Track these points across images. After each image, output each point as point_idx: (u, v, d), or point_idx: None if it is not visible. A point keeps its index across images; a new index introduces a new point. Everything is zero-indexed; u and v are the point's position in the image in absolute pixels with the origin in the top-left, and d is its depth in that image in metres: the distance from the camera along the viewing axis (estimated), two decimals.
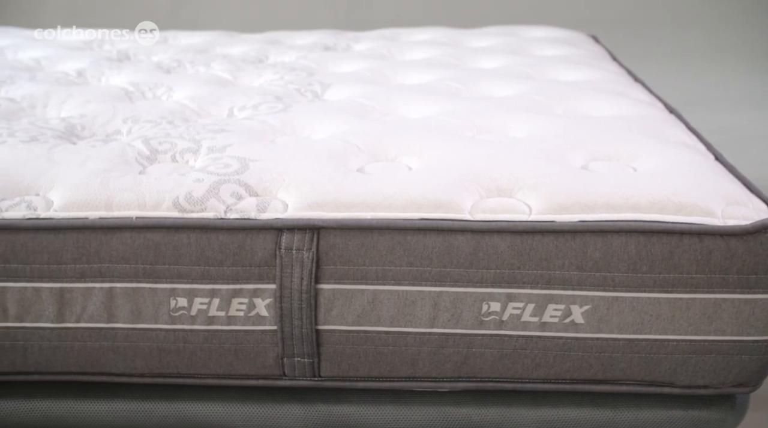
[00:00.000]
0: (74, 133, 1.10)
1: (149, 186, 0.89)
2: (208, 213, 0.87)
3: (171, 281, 0.87)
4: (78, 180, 0.91)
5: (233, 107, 1.20)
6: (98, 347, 0.91)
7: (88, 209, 0.88)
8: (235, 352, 0.90)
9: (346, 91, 1.28)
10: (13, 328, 0.90)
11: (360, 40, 1.76)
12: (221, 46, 1.72)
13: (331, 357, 0.90)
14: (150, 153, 1.00)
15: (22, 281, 0.88)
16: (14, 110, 1.19)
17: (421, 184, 0.88)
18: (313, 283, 0.86)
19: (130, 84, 1.34)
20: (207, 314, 0.88)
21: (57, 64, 1.53)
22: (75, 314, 0.89)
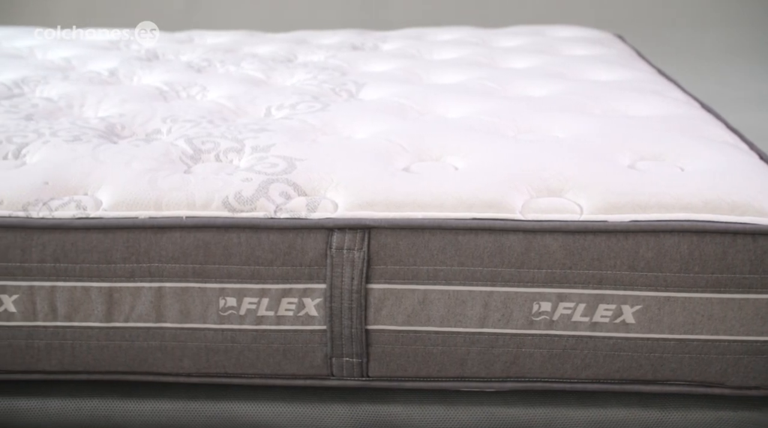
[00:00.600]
0: (114, 132, 1.10)
1: (198, 185, 0.89)
2: (258, 213, 0.87)
3: (220, 280, 0.87)
4: (126, 180, 0.91)
5: (270, 106, 1.20)
6: (146, 346, 0.90)
7: (137, 208, 0.88)
8: (284, 352, 0.90)
9: (381, 91, 1.28)
10: (62, 327, 0.90)
11: (387, 39, 1.76)
12: (248, 45, 1.72)
13: (379, 356, 0.90)
14: (194, 152, 1.00)
15: (71, 280, 0.88)
16: (52, 110, 1.19)
17: (470, 184, 0.88)
18: (364, 283, 0.86)
19: (164, 83, 1.34)
20: (256, 314, 0.88)
21: (87, 63, 1.53)
22: (124, 314, 0.89)
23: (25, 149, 1.01)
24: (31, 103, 1.21)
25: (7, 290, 0.89)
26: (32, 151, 1.01)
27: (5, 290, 0.89)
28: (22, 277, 0.88)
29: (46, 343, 0.91)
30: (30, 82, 1.34)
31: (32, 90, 1.31)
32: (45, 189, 0.90)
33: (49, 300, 0.89)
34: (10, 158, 1.01)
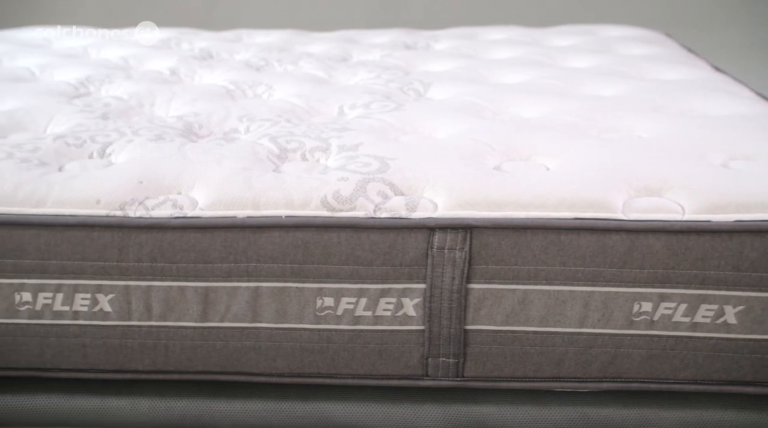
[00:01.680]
0: (193, 131, 1.09)
1: (294, 185, 0.88)
2: (358, 212, 0.86)
3: (318, 280, 0.87)
4: (220, 179, 0.90)
5: (342, 105, 1.20)
6: (240, 346, 0.90)
7: (234, 208, 0.87)
8: (379, 352, 0.90)
9: (449, 90, 1.28)
10: (156, 327, 0.90)
11: (438, 39, 1.75)
12: (299, 44, 1.71)
13: (476, 357, 0.89)
14: (280, 151, 0.99)
15: (167, 280, 0.88)
16: (124, 109, 1.19)
17: (569, 183, 0.88)
18: (465, 283, 0.86)
19: (229, 82, 1.33)
20: (353, 314, 0.88)
21: (144, 62, 1.53)
22: (219, 314, 0.89)
23: (110, 148, 1.01)
24: (102, 102, 1.20)
25: (102, 289, 0.88)
26: (117, 150, 1.00)
27: (101, 290, 0.88)
28: (118, 276, 0.88)
29: (139, 342, 0.90)
30: (94, 81, 1.34)
31: (98, 89, 1.31)
32: (140, 188, 0.89)
33: (144, 300, 0.88)
34: (95, 157, 1.00)
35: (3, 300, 0.89)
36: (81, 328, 0.90)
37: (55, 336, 0.91)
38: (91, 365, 0.92)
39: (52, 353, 0.91)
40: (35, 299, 0.89)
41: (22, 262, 0.88)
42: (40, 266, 0.88)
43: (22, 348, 0.91)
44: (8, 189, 0.89)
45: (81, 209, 0.88)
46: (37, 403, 0.94)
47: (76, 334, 0.90)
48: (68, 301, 0.89)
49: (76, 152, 1.00)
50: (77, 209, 0.88)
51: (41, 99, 1.21)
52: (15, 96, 1.23)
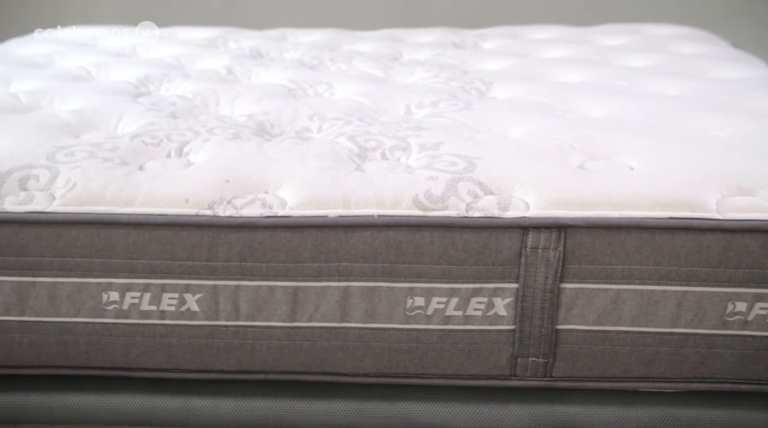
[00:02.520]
0: (265, 130, 1.09)
1: (384, 184, 0.88)
2: (451, 211, 0.86)
3: (409, 280, 0.86)
4: (307, 177, 0.90)
5: (409, 104, 1.19)
6: (328, 346, 0.90)
7: (325, 207, 0.87)
8: (468, 352, 0.89)
9: (512, 89, 1.27)
10: (243, 327, 0.89)
11: (485, 38, 1.75)
12: (346, 43, 1.71)
13: (566, 357, 0.89)
14: (359, 150, 0.99)
15: (256, 279, 0.87)
16: (190, 108, 1.19)
17: (660, 183, 0.87)
18: (558, 282, 0.85)
19: (289, 81, 1.33)
20: (444, 314, 0.88)
21: (196, 61, 1.52)
22: (307, 314, 0.88)
23: (187, 148, 1.01)
24: (168, 101, 1.20)
25: (190, 289, 0.88)
26: (194, 149, 1.00)
27: (189, 289, 0.88)
28: (206, 276, 0.87)
29: (226, 342, 0.90)
30: (153, 80, 1.34)
31: (157, 88, 1.31)
32: (227, 188, 0.89)
33: (232, 300, 0.88)
34: (173, 156, 1.00)
35: (90, 300, 0.89)
36: (167, 328, 0.90)
37: (141, 335, 0.90)
38: (176, 365, 0.92)
39: (138, 352, 0.91)
40: (122, 298, 0.89)
41: (110, 261, 0.88)
42: (128, 265, 0.88)
43: (108, 347, 0.91)
44: (96, 188, 0.88)
45: (170, 208, 0.87)
46: (121, 402, 0.94)
47: (163, 334, 0.90)
48: (155, 301, 0.89)
49: (153, 151, 1.00)
50: (166, 208, 0.87)
51: (106, 98, 1.21)
52: (79, 95, 1.23)
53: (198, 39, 1.74)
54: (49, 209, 0.88)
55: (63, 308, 0.90)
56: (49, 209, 0.88)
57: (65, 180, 0.90)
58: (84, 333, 0.91)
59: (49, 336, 0.91)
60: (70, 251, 0.88)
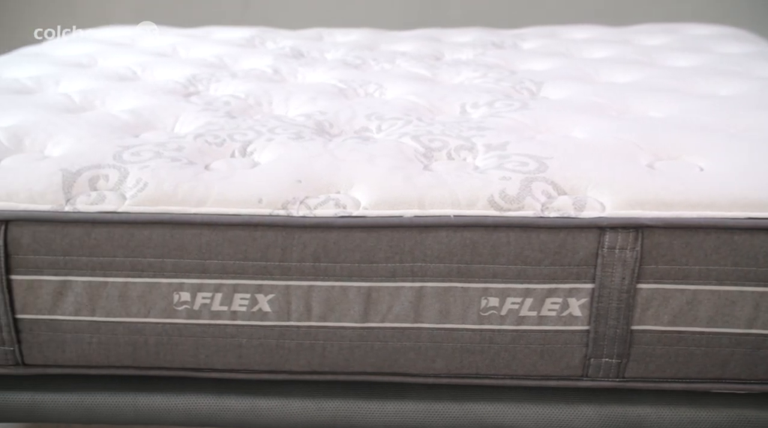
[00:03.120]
0: (324, 129, 1.09)
1: (457, 183, 0.88)
2: (527, 211, 0.85)
3: (484, 280, 0.86)
4: (379, 177, 0.89)
5: (464, 103, 1.19)
6: (399, 347, 0.89)
7: (400, 207, 0.86)
8: (541, 353, 0.89)
9: (564, 90, 1.27)
10: (314, 327, 0.89)
11: (524, 38, 1.74)
12: (385, 43, 1.71)
13: (639, 357, 0.88)
14: (425, 150, 0.99)
15: (330, 280, 0.87)
16: (244, 108, 1.19)
17: (735, 183, 0.87)
18: (635, 283, 0.85)
19: (338, 81, 1.33)
20: (518, 314, 0.87)
21: (239, 61, 1.52)
22: (380, 314, 0.88)
23: (251, 147, 1.00)
24: (221, 100, 1.20)
25: (263, 289, 0.88)
26: (259, 148, 1.00)
27: (261, 290, 0.88)
28: (279, 276, 0.87)
29: (297, 343, 0.90)
30: (201, 79, 1.34)
31: (206, 88, 1.31)
32: (299, 188, 0.89)
33: (305, 300, 0.88)
34: (237, 155, 1.00)
35: (162, 300, 0.89)
36: (238, 328, 0.89)
37: (212, 336, 0.90)
38: (245, 365, 0.91)
39: (207, 353, 0.91)
40: (194, 299, 0.89)
41: (182, 261, 0.87)
42: (201, 265, 0.87)
43: (178, 348, 0.91)
44: (168, 188, 0.88)
45: (243, 208, 0.87)
46: (188, 403, 0.94)
47: (233, 334, 0.90)
48: (227, 301, 0.88)
49: (217, 150, 1.00)
50: (239, 208, 0.87)
51: (158, 98, 1.21)
52: (131, 95, 1.23)
53: (235, 39, 1.74)
54: (121, 209, 0.88)
55: (134, 308, 0.89)
56: (121, 208, 0.88)
57: (135, 180, 0.90)
58: (154, 334, 0.90)
59: (119, 336, 0.91)
60: (143, 251, 0.87)
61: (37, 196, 0.88)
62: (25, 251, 0.88)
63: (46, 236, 0.87)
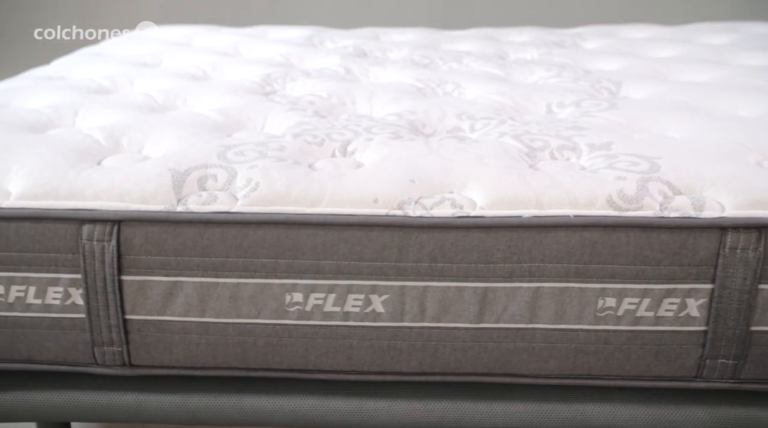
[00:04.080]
0: (418, 129, 1.08)
1: (573, 183, 0.87)
2: (646, 211, 0.85)
3: (602, 280, 0.85)
4: (493, 177, 0.89)
5: (550, 103, 1.18)
6: (513, 347, 0.89)
7: (517, 207, 0.86)
8: (656, 354, 0.88)
9: (645, 89, 1.26)
10: (428, 328, 0.88)
11: (583, 37, 1.74)
12: (445, 43, 1.70)
13: (757, 358, 0.88)
14: (528, 150, 0.98)
15: (445, 280, 0.86)
16: (329, 107, 1.18)
17: None
18: (756, 283, 0.84)
19: (416, 80, 1.32)
20: (634, 315, 0.87)
21: (305, 61, 1.52)
22: (495, 315, 0.87)
23: (350, 147, 1.00)
24: (305, 100, 1.19)
25: (377, 290, 0.87)
26: (360, 148, 0.99)
27: (375, 290, 0.87)
28: (394, 277, 0.87)
29: (409, 344, 0.89)
30: (276, 79, 1.33)
31: (282, 87, 1.30)
32: (413, 187, 0.88)
33: (419, 301, 0.87)
34: (337, 155, 0.99)
35: (273, 301, 0.88)
36: (350, 329, 0.89)
37: (322, 337, 0.89)
38: (355, 366, 0.91)
39: (317, 354, 0.90)
40: (306, 299, 0.88)
41: (296, 262, 0.87)
42: (315, 266, 0.87)
43: (287, 349, 0.90)
44: (281, 188, 0.88)
45: (358, 208, 0.86)
46: (294, 404, 0.93)
47: (345, 335, 0.89)
48: (340, 302, 0.88)
49: (318, 150, 0.99)
50: (354, 208, 0.86)
51: (240, 97, 1.20)
52: (212, 95, 1.22)
53: (293, 38, 1.73)
54: (234, 209, 0.87)
55: (244, 309, 0.89)
56: (234, 209, 0.87)
57: (246, 180, 0.89)
58: (264, 335, 0.90)
59: (228, 337, 0.90)
60: (256, 251, 0.87)
61: (149, 196, 0.88)
62: (137, 252, 0.87)
63: (158, 237, 0.87)
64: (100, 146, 1.00)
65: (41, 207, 0.88)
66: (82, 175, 0.90)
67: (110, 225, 0.87)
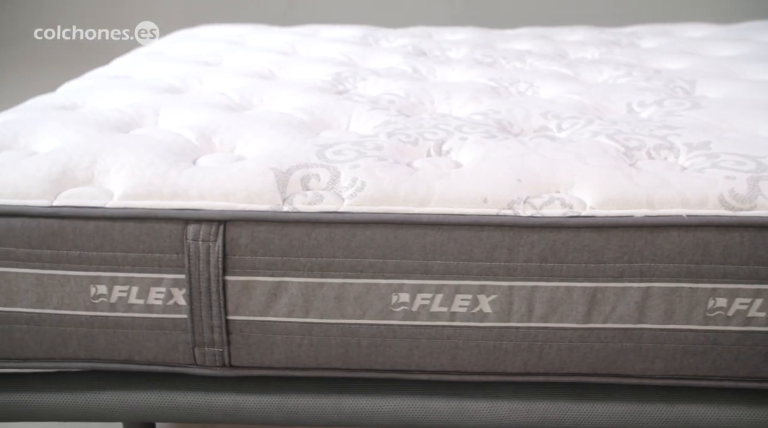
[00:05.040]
0: (505, 128, 1.08)
1: (682, 183, 0.87)
2: (760, 211, 0.84)
3: (713, 281, 0.85)
4: (600, 177, 0.88)
5: (630, 102, 1.18)
6: (620, 348, 0.88)
7: (628, 206, 0.85)
8: (766, 354, 0.88)
9: (720, 88, 1.26)
10: (534, 328, 0.88)
11: (639, 36, 1.74)
12: (500, 42, 1.70)
13: None
14: (625, 150, 0.97)
15: (555, 280, 0.86)
16: (409, 106, 1.17)
17: None
18: None
19: (489, 80, 1.31)
20: (745, 315, 0.86)
21: (367, 60, 1.51)
22: (603, 315, 0.87)
23: (445, 146, 0.99)
24: (384, 99, 1.19)
25: (485, 290, 0.87)
26: (455, 148, 0.99)
27: (483, 291, 0.87)
28: (503, 277, 0.86)
29: (515, 344, 0.89)
30: (347, 78, 1.33)
31: (354, 86, 1.30)
32: (520, 187, 0.88)
33: (527, 301, 0.87)
34: (433, 154, 0.99)
35: (379, 301, 0.88)
36: (456, 329, 0.88)
37: (427, 337, 0.89)
38: (458, 367, 0.90)
39: (420, 354, 0.90)
40: (413, 300, 0.88)
41: (403, 262, 0.86)
42: (423, 266, 0.86)
43: (390, 349, 0.90)
44: (388, 187, 0.87)
45: (467, 208, 0.86)
46: (394, 405, 0.93)
47: (450, 336, 0.89)
48: (447, 302, 0.87)
49: (413, 149, 0.99)
50: (463, 208, 0.86)
51: (317, 96, 1.20)
52: (286, 93, 1.22)
53: (347, 37, 1.73)
54: (342, 209, 0.87)
55: (349, 309, 0.88)
56: (341, 208, 0.87)
57: (350, 180, 0.89)
58: (368, 335, 0.89)
59: (331, 338, 0.90)
60: (363, 251, 0.86)
61: (255, 196, 0.87)
62: (242, 252, 0.87)
63: (264, 237, 0.86)
64: (192, 146, 0.99)
65: (146, 207, 0.88)
66: (184, 174, 0.90)
67: (216, 225, 0.87)
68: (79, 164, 0.92)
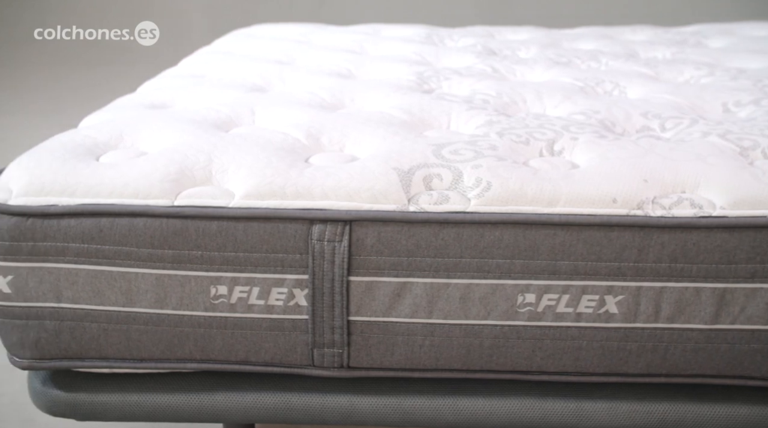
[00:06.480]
0: (608, 128, 1.07)
1: None
2: None
3: None
4: (726, 177, 0.88)
5: (726, 102, 1.17)
6: (747, 349, 0.88)
7: (759, 207, 0.85)
8: None
9: None
10: (660, 329, 0.87)
11: (705, 35, 1.73)
12: (566, 41, 1.69)
13: None
14: (740, 150, 0.97)
15: (684, 281, 0.85)
16: (503, 105, 1.17)
17: None
18: None
19: (574, 79, 1.31)
20: None
21: (441, 59, 1.51)
22: (731, 316, 0.86)
23: (557, 146, 0.99)
24: (478, 98, 1.18)
25: (613, 290, 0.86)
26: (567, 148, 0.98)
27: (611, 291, 0.86)
28: (632, 277, 0.86)
29: (639, 345, 0.88)
30: (430, 77, 1.32)
31: (439, 85, 1.29)
32: (647, 187, 0.87)
33: (654, 301, 0.86)
34: (545, 154, 0.98)
35: (504, 302, 0.87)
36: (581, 330, 0.88)
37: (551, 338, 0.88)
38: (581, 368, 0.90)
39: (543, 355, 0.89)
40: (539, 300, 0.87)
41: (531, 262, 0.86)
42: (551, 266, 0.86)
43: (513, 350, 0.89)
44: (514, 187, 0.87)
45: (596, 208, 0.85)
46: (512, 406, 0.92)
47: (575, 336, 0.88)
48: (573, 303, 0.87)
49: (525, 149, 0.98)
50: (592, 208, 0.85)
51: (408, 95, 1.19)
52: (376, 93, 1.21)
53: (412, 36, 1.72)
54: (469, 209, 0.86)
55: (473, 310, 0.88)
56: (469, 208, 0.86)
57: (475, 179, 0.88)
58: (491, 336, 0.89)
59: (454, 338, 0.89)
60: (491, 251, 0.86)
61: (380, 195, 0.87)
62: (368, 252, 0.86)
63: (390, 237, 0.86)
64: (302, 145, 0.99)
65: (270, 207, 0.87)
66: (305, 174, 0.89)
67: (342, 225, 0.86)
68: (195, 164, 0.92)
